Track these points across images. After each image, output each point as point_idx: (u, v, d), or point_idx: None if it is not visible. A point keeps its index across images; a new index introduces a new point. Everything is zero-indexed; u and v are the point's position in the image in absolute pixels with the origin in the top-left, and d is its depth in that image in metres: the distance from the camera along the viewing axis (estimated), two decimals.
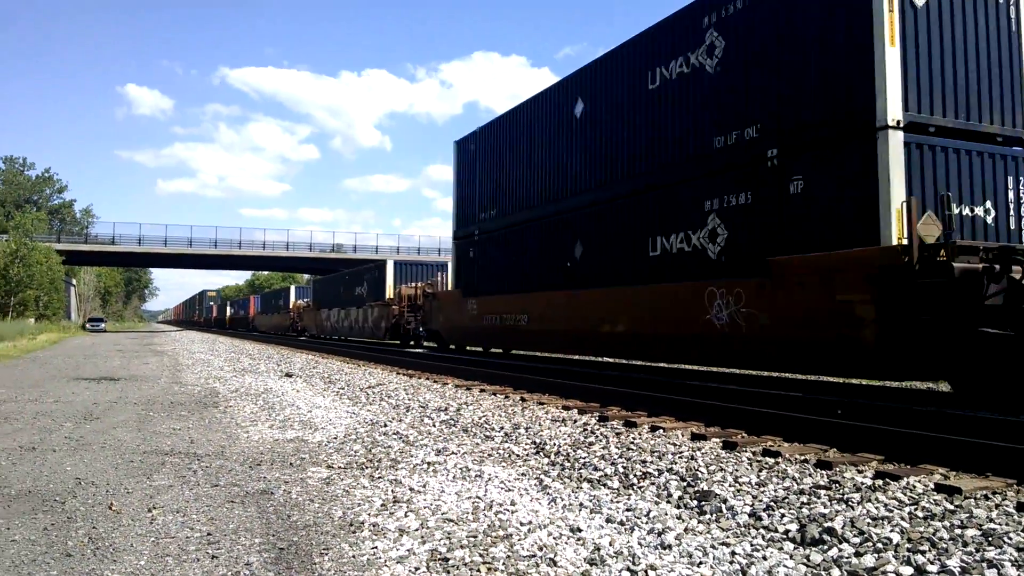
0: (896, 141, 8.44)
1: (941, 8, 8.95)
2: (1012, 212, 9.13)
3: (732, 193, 10.63)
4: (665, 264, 12.04)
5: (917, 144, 8.62)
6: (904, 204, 8.23)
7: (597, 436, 7.17)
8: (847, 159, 8.95)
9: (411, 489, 5.28)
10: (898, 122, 8.47)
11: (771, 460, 5.92)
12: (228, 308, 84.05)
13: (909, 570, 3.51)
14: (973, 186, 8.93)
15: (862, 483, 5.06)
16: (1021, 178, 9.19)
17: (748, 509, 4.58)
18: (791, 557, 3.78)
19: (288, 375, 15.55)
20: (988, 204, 8.99)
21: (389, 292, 30.47)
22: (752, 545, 3.97)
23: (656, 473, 5.57)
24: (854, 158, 8.84)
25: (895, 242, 8.25)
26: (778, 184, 9.90)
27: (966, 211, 8.88)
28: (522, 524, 4.39)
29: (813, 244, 9.30)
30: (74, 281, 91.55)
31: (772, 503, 4.66)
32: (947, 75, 8.91)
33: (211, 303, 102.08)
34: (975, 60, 9.09)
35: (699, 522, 4.45)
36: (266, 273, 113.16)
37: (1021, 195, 9.15)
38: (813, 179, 9.41)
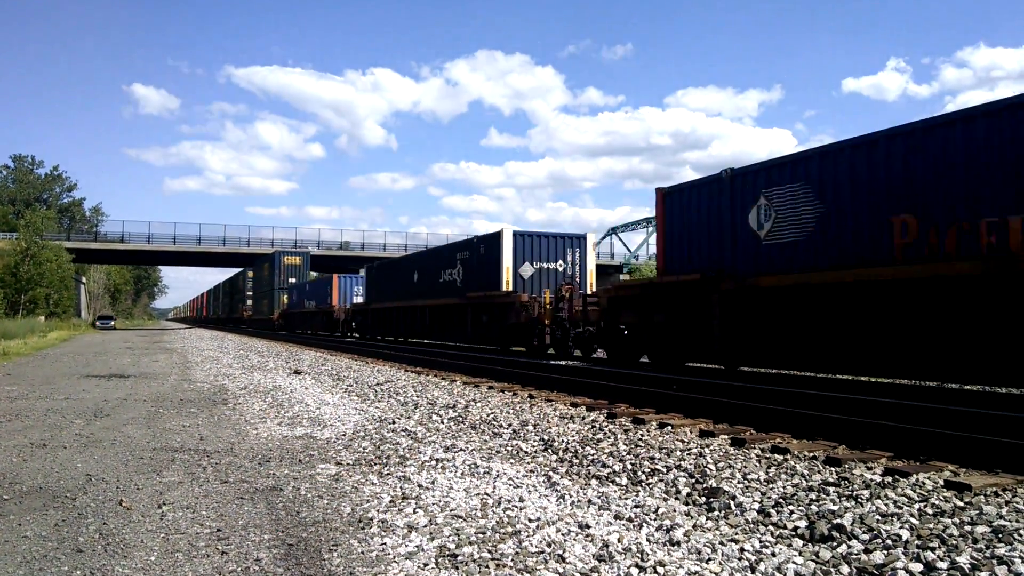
0: None
1: None
2: None
3: None
4: None
5: None
6: None
7: (605, 433, 7.17)
8: None
9: (420, 486, 5.29)
10: None
11: (780, 457, 5.91)
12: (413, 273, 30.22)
13: (919, 567, 3.49)
14: None
15: (871, 480, 5.05)
16: None
17: (757, 506, 4.57)
18: (800, 554, 3.77)
19: (297, 372, 15.59)
20: None
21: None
22: (761, 542, 3.96)
23: (664, 470, 5.56)
24: None
25: None
26: None
27: None
28: (531, 521, 4.39)
29: None
30: (84, 279, 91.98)
31: (781, 500, 4.65)
32: None
33: (290, 280, 53.52)
34: None
35: (708, 519, 4.44)
36: None
37: None
38: None
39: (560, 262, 21.41)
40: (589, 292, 19.93)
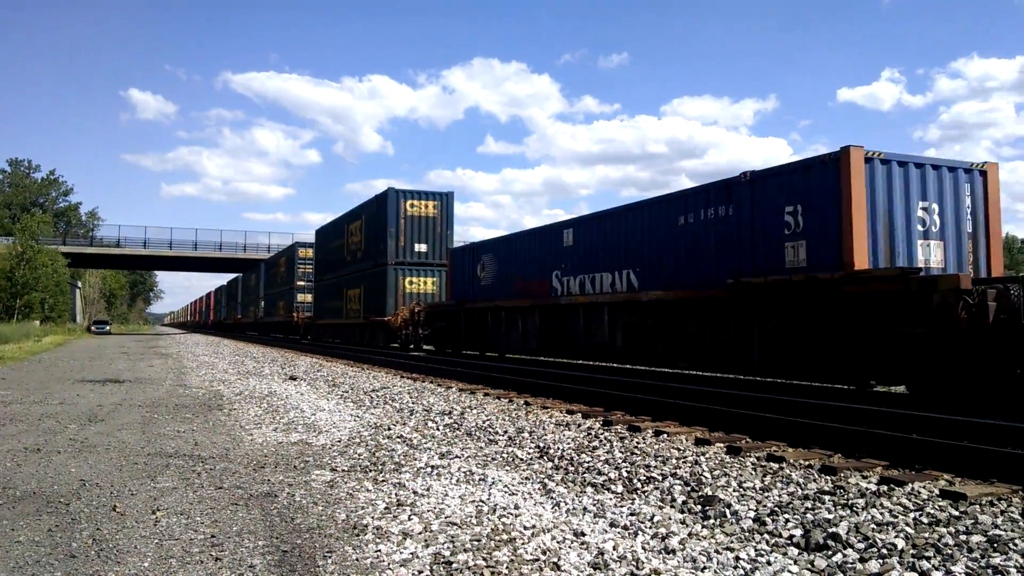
0: None
1: None
2: None
3: None
4: None
5: None
6: None
7: (601, 440, 7.16)
8: None
9: (415, 492, 5.28)
10: None
11: (775, 465, 5.91)
12: None
13: None
14: None
15: (867, 489, 5.05)
16: None
17: (752, 514, 4.56)
18: (795, 562, 3.76)
19: (292, 378, 15.56)
20: None
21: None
22: (756, 550, 3.96)
23: (660, 478, 5.56)
24: None
25: None
26: None
27: None
28: (526, 528, 4.38)
29: None
30: (79, 284, 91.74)
31: (776, 508, 4.65)
32: None
33: (418, 246, 26.60)
34: None
35: (703, 527, 4.44)
36: None
37: None
38: None
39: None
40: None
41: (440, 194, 27.41)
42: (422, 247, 26.78)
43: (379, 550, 4.00)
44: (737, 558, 3.83)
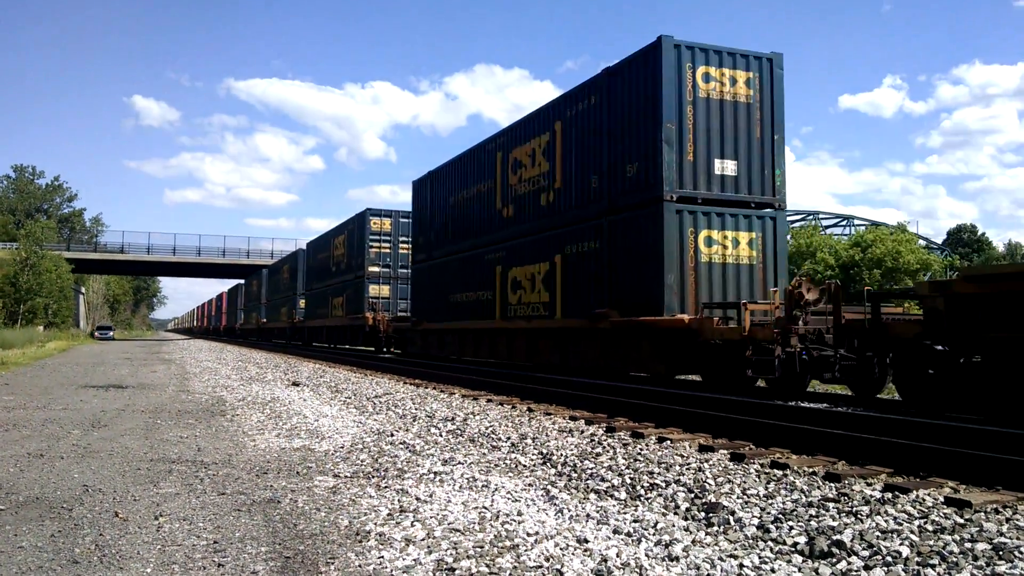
0: None
1: None
2: None
3: None
4: None
5: None
6: None
7: (604, 447, 7.14)
8: None
9: (417, 499, 5.27)
10: None
11: (779, 472, 5.89)
12: None
13: None
14: None
15: (871, 496, 5.03)
16: None
17: (756, 521, 4.55)
18: (799, 570, 3.75)
19: (295, 384, 15.56)
20: None
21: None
22: (760, 557, 3.94)
23: (663, 484, 5.54)
24: None
25: None
26: None
27: None
28: (529, 535, 4.37)
29: None
30: (83, 289, 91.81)
31: (780, 515, 4.63)
32: None
33: None
34: None
35: (707, 534, 4.42)
36: None
37: None
38: None
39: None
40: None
41: (758, 58, 13.17)
42: (728, 166, 12.80)
43: (382, 556, 3.99)
44: (741, 565, 3.81)
